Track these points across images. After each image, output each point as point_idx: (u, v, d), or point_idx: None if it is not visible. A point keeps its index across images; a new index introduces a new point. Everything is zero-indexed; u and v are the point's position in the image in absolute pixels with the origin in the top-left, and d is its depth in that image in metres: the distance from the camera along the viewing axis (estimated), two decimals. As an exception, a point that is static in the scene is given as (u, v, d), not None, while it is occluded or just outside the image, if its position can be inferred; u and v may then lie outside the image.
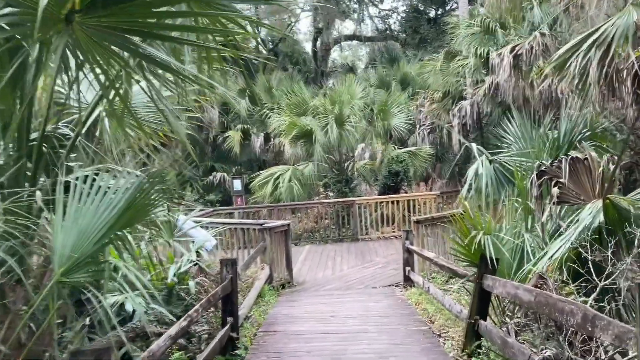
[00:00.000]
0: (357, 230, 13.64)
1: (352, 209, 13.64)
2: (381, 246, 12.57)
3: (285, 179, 13.82)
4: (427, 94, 17.46)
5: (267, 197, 13.74)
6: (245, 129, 21.43)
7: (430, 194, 13.95)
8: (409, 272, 8.21)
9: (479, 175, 8.26)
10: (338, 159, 14.78)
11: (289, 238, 9.18)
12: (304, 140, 14.00)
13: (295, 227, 13.93)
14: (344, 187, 14.50)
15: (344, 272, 9.90)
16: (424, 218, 8.57)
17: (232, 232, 9.66)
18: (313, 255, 11.98)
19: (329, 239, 13.72)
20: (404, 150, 15.17)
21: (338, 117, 13.62)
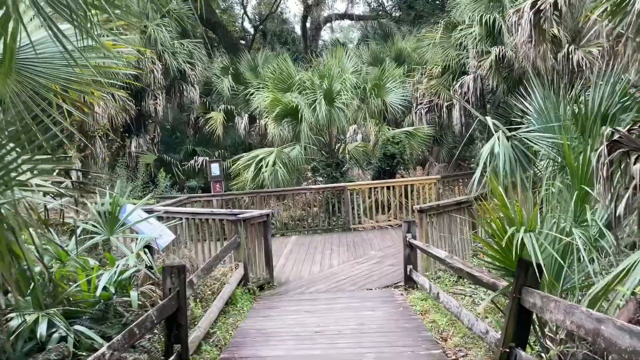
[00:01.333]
0: (349, 219, 12.27)
1: (344, 196, 12.24)
2: (376, 237, 11.21)
3: (269, 163, 12.37)
4: (425, 69, 16.02)
5: (249, 183, 12.30)
6: (228, 110, 19.92)
7: (430, 178, 12.57)
8: (410, 271, 6.84)
9: (496, 154, 6.89)
10: (328, 141, 13.34)
11: (268, 230, 7.78)
12: (289, 119, 12.52)
13: (280, 216, 12.53)
14: (334, 171, 13.09)
15: (334, 269, 8.52)
16: (429, 206, 7.19)
17: (202, 224, 8.24)
18: (299, 247, 10.59)
19: (317, 229, 12.34)
20: (401, 131, 13.76)
21: (327, 93, 12.14)
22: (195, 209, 8.82)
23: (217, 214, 8.04)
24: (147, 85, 18.31)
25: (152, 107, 18.67)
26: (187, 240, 8.47)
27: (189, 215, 8.34)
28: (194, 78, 19.67)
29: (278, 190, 12.22)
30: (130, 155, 18.81)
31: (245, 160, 12.63)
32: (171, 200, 10.82)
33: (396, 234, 11.38)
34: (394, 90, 13.11)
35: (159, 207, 8.84)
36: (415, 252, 6.86)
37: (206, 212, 8.17)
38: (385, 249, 9.88)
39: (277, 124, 12.70)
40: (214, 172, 12.64)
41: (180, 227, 8.50)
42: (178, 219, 8.50)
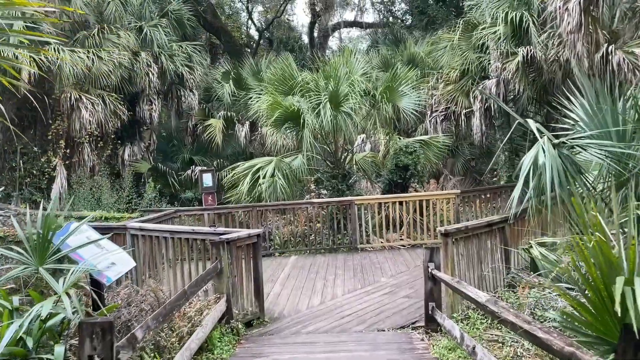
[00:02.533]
0: (356, 237, 10.91)
1: (350, 211, 10.90)
2: (387, 259, 9.83)
3: (267, 173, 11.06)
4: (441, 74, 14.72)
5: (244, 195, 10.98)
6: (228, 116, 18.71)
7: (448, 193, 11.19)
8: (433, 309, 5.47)
9: (540, 165, 5.56)
10: (333, 150, 12.03)
11: (259, 254, 6.44)
12: (290, 124, 11.21)
13: (280, 232, 11.20)
14: (340, 183, 11.75)
15: (338, 301, 7.16)
16: (456, 229, 5.81)
17: (182, 245, 6.92)
18: (299, 271, 9.24)
19: (320, 249, 10.98)
20: (415, 140, 12.43)
21: (333, 96, 10.85)
22: (175, 226, 7.52)
23: (199, 232, 6.72)
24: (142, 89, 17.16)
25: (147, 112, 17.47)
26: (165, 264, 7.15)
27: (167, 234, 7.03)
28: (193, 82, 18.49)
29: (277, 204, 10.90)
30: (123, 163, 17.60)
31: (242, 170, 11.33)
32: (155, 215, 9.52)
33: (410, 257, 10.01)
34: (408, 95, 11.79)
35: (134, 223, 7.54)
36: (439, 287, 5.50)
37: (187, 231, 6.85)
38: (398, 275, 8.50)
39: (276, 130, 11.41)
40: (207, 183, 11.35)
41: (157, 248, 7.20)
42: (148, 238, 7.20)
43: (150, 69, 16.87)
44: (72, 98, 14.07)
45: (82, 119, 14.13)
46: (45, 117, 14.54)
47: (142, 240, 7.36)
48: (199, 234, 6.73)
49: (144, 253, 7.36)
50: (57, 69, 13.33)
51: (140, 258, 7.41)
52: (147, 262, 7.35)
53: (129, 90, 16.83)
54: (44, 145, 14.58)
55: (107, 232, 8.08)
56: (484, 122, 13.04)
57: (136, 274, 7.46)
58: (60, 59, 13.25)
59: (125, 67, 16.11)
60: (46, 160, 14.30)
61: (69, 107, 14.14)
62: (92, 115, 14.30)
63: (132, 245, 7.43)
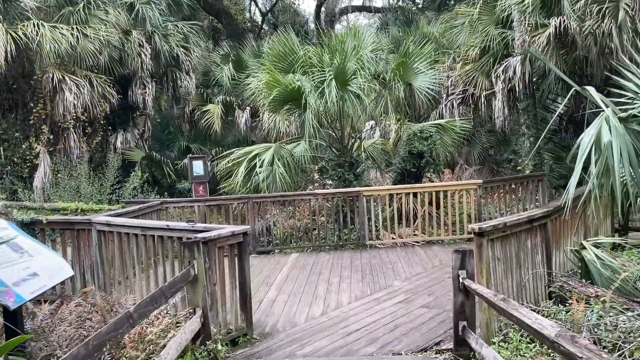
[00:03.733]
0: (364, 232, 9.69)
1: (358, 203, 9.68)
2: (400, 258, 8.62)
3: (265, 161, 9.85)
4: (458, 52, 13.41)
5: (239, 186, 9.78)
6: (227, 101, 17.50)
7: (469, 183, 9.91)
8: (464, 329, 4.26)
9: (605, 144, 4.32)
10: (339, 135, 10.79)
11: (245, 256, 5.25)
12: (290, 105, 9.97)
13: (279, 227, 10.01)
14: (346, 172, 10.53)
15: (344, 311, 5.97)
16: (492, 226, 4.57)
17: (155, 244, 5.74)
18: (299, 271, 8.05)
19: (324, 245, 9.78)
20: (431, 124, 11.15)
21: (339, 73, 9.58)
22: (147, 221, 6.32)
23: (174, 229, 5.53)
24: (134, 71, 15.96)
25: (140, 97, 16.27)
26: (137, 267, 5.98)
27: (137, 230, 5.85)
28: (190, 65, 17.26)
29: (276, 195, 9.69)
30: (115, 151, 16.45)
31: (236, 157, 10.12)
32: (136, 207, 8.36)
33: (426, 255, 8.79)
34: (423, 73, 10.48)
35: (101, 217, 6.36)
36: (472, 301, 4.28)
37: (160, 227, 5.66)
38: (414, 278, 7.28)
39: (275, 113, 10.16)
40: (197, 172, 10.15)
41: (127, 247, 6.02)
42: (117, 235, 6.03)
43: (143, 50, 15.65)
44: (55, 79, 12.89)
45: (65, 102, 12.96)
46: (25, 100, 13.41)
47: (110, 238, 6.19)
48: (175, 231, 5.54)
49: (113, 254, 6.19)
50: (37, 47, 12.14)
51: (109, 260, 6.24)
52: (117, 265, 6.18)
53: (120, 72, 15.64)
54: (26, 131, 13.44)
55: (68, 228, 6.96)
56: (506, 104, 11.75)
57: (104, 279, 6.30)
58: (40, 36, 12.07)
59: (115, 46, 14.91)
60: (28, 147, 13.16)
61: (51, 89, 12.96)
62: (77, 97, 13.13)
63: (99, 243, 6.26)
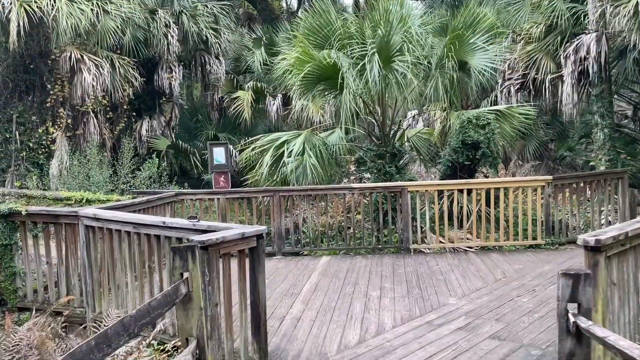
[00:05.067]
0: (408, 234, 8.29)
1: (401, 200, 8.28)
2: (452, 267, 7.21)
3: (294, 150, 8.57)
4: (518, 32, 11.81)
5: (264, 179, 8.53)
6: (258, 87, 16.30)
7: (535, 180, 8.36)
8: (572, 390, 2.85)
9: None
10: (380, 121, 9.41)
11: (259, 266, 3.97)
12: (324, 85, 8.64)
13: (309, 225, 8.74)
14: (387, 165, 9.15)
15: (387, 338, 4.63)
16: (613, 238, 3.16)
17: (150, 244, 4.54)
18: (330, 280, 6.74)
19: (360, 248, 8.45)
20: (489, 109, 9.64)
21: (383, 47, 8.20)
22: (141, 216, 5.10)
23: (172, 227, 4.30)
24: (160, 54, 14.96)
25: (166, 81, 15.27)
26: (129, 273, 4.79)
27: (130, 227, 4.65)
28: (219, 48, 16.14)
29: (306, 189, 8.39)
30: (140, 139, 15.52)
31: (261, 144, 8.88)
32: (144, 198, 7.23)
33: (483, 264, 7.34)
34: (483, 49, 8.96)
35: (91, 209, 5.18)
36: (586, 349, 2.87)
37: (156, 224, 4.43)
38: (473, 295, 5.86)
39: (307, 93, 8.84)
40: (218, 160, 8.96)
41: (118, 247, 4.84)
42: (107, 232, 4.86)
43: (169, 30, 14.63)
44: (73, 58, 11.94)
45: (83, 84, 12.00)
46: (42, 81, 12.54)
47: (99, 235, 5.02)
48: (172, 230, 4.31)
49: (102, 254, 5.02)
50: (53, 22, 11.20)
51: (98, 262, 5.08)
52: (107, 269, 5.01)
53: (145, 54, 14.65)
54: (43, 115, 12.58)
55: (52, 221, 5.85)
56: (576, 89, 10.11)
57: (92, 285, 5.14)
58: (56, 10, 11.12)
59: (140, 26, 13.92)
60: (44, 132, 12.28)
61: (68, 70, 12.03)
62: (96, 79, 12.15)
63: (86, 241, 5.10)
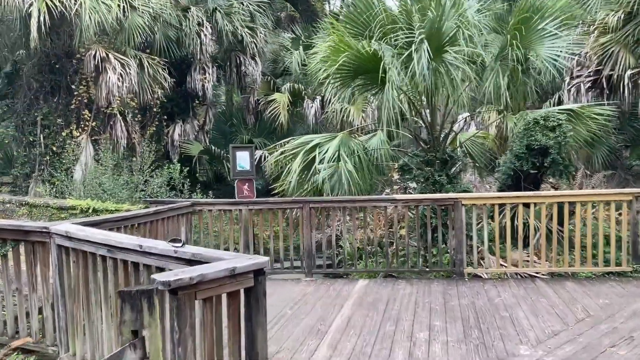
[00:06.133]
0: (462, 255, 6.96)
1: (454, 214, 6.96)
2: (518, 300, 5.83)
3: (327, 155, 7.42)
4: (589, 23, 10.26)
5: (293, 188, 7.41)
6: (295, 89, 15.28)
7: (620, 193, 6.86)
8: None
9: None
10: (429, 122, 8.13)
11: (259, 315, 2.82)
12: (362, 80, 7.44)
13: (343, 243, 7.54)
14: (437, 173, 7.85)
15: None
16: None
17: (122, 272, 3.48)
18: (367, 313, 5.51)
19: (404, 270, 7.19)
20: (560, 109, 8.19)
21: (433, 35, 6.94)
22: (119, 236, 4.02)
23: (150, 253, 3.21)
24: (192, 53, 14.19)
25: (199, 83, 14.49)
26: (103, 307, 3.74)
27: (104, 250, 3.61)
28: (255, 48, 15.22)
29: (341, 200, 7.21)
30: (173, 144, 14.81)
31: (292, 148, 7.77)
32: (151, 209, 6.24)
33: (557, 297, 5.93)
34: (555, 36, 7.53)
35: (64, 225, 4.16)
36: None
37: (132, 247, 3.36)
38: (551, 342, 4.50)
39: (343, 87, 7.64)
40: (242, 165, 7.89)
41: (93, 275, 3.81)
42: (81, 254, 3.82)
43: (203, 29, 13.85)
44: (98, 57, 11.25)
45: (108, 84, 11.28)
46: (68, 81, 11.92)
47: (73, 257, 4.01)
48: (151, 256, 3.23)
49: (77, 281, 4.00)
50: (75, 17, 10.52)
51: (72, 290, 4.07)
52: (82, 301, 3.98)
53: (177, 54, 13.93)
54: (69, 117, 11.95)
55: (21, 238, 4.87)
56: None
57: (66, 320, 4.12)
58: (79, 5, 10.45)
59: (171, 24, 13.20)
60: (68, 135, 11.63)
61: (92, 69, 11.34)
62: (121, 79, 11.42)
63: (59, 265, 4.10)
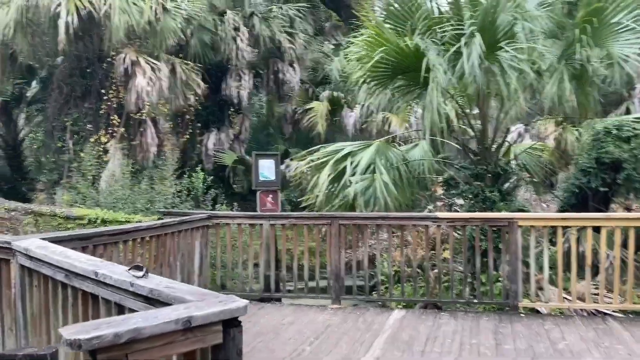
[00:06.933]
0: (517, 285, 5.89)
1: (509, 237, 5.92)
2: (585, 343, 4.74)
3: (360, 165, 6.54)
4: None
5: (321, 200, 6.57)
6: (334, 97, 14.52)
7: None
8: None
9: None
10: (480, 131, 7.13)
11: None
12: (402, 80, 6.53)
13: (378, 265, 6.61)
14: (488, 188, 6.83)
15: None
16: None
17: (81, 302, 2.69)
18: (400, 356, 4.55)
19: (448, 302, 6.19)
20: (635, 117, 7.02)
21: (487, 28, 5.99)
22: (79, 259, 3.24)
23: (105, 283, 2.43)
24: (227, 59, 13.66)
25: (234, 90, 13.95)
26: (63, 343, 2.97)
27: (61, 275, 2.86)
28: (293, 54, 14.57)
29: (375, 216, 6.30)
30: (207, 153, 14.30)
31: (321, 156, 6.94)
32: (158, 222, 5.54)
33: (635, 343, 4.80)
34: (633, 31, 6.40)
35: (28, 240, 3.45)
36: None
37: (87, 275, 2.59)
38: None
39: (379, 88, 6.73)
40: (265, 175, 7.10)
41: (52, 303, 3.06)
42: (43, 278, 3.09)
43: (239, 34, 13.31)
44: (127, 61, 10.83)
45: (137, 88, 10.83)
46: (98, 86, 11.56)
47: (35, 281, 3.29)
48: (108, 288, 2.45)
49: (39, 310, 3.28)
50: (105, 18, 10.14)
51: (35, 320, 3.34)
52: (44, 333, 3.25)
53: (211, 59, 13.43)
54: (98, 123, 11.58)
55: None
56: None
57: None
58: (108, 6, 10.06)
59: (206, 28, 12.73)
60: (96, 141, 11.22)
61: (122, 72, 10.91)
62: (151, 83, 10.94)
63: (22, 287, 3.39)
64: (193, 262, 6.36)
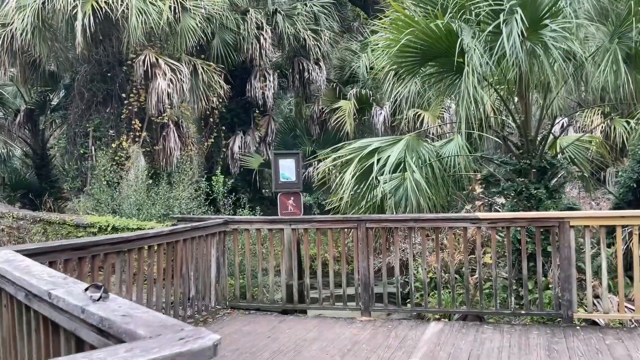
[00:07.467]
0: (570, 294, 5.16)
1: (559, 239, 5.20)
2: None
3: (389, 162, 5.93)
4: None
5: (346, 204, 5.98)
6: (362, 95, 13.92)
7: None
8: None
9: None
10: (522, 121, 6.42)
11: None
12: (433, 66, 5.88)
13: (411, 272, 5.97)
14: (533, 185, 6.11)
15: None
16: None
17: (42, 328, 2.19)
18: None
19: (491, 313, 5.51)
20: None
21: (529, 3, 5.33)
22: (43, 276, 2.80)
23: (59, 308, 1.93)
24: (251, 59, 13.27)
25: (259, 91, 13.54)
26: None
27: (22, 295, 2.38)
28: (319, 52, 14.07)
29: (406, 218, 5.67)
30: (232, 157, 13.93)
31: (346, 153, 6.35)
32: (170, 228, 5.08)
33: None
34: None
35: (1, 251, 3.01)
36: None
37: (41, 295, 2.10)
38: None
39: (409, 75, 6.08)
40: (285, 176, 6.53)
41: (15, 324, 2.58)
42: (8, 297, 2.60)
43: (262, 32, 12.90)
44: (147, 62, 10.52)
45: (158, 91, 10.51)
46: (119, 90, 11.31)
47: (4, 300, 2.83)
48: (61, 313, 1.94)
49: (9, 334, 2.82)
50: (122, 19, 9.84)
51: (5, 343, 2.89)
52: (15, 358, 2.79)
53: (234, 60, 13.04)
54: (120, 128, 11.33)
55: None
56: None
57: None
58: (125, 6, 9.77)
59: (228, 27, 12.35)
60: (118, 147, 10.96)
61: (141, 75, 10.61)
62: (172, 85, 10.61)
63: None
64: (210, 271, 5.89)
